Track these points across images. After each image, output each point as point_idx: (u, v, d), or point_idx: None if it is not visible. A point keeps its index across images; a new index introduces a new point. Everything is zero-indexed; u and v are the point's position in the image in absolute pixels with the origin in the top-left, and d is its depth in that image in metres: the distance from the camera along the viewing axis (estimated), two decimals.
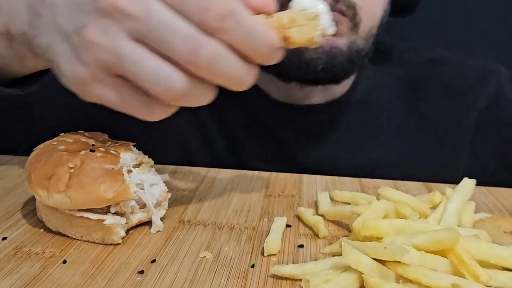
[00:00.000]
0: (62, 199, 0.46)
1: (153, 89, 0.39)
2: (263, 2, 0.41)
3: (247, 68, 0.41)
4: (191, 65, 0.39)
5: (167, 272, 0.43)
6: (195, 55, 0.38)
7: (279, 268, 0.42)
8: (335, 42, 0.65)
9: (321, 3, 0.42)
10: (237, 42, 0.39)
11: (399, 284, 0.38)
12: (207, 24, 0.38)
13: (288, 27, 0.41)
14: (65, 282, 0.41)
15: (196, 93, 0.41)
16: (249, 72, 0.41)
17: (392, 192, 0.53)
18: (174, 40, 0.38)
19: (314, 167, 0.71)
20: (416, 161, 0.77)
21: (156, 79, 0.38)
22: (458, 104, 0.79)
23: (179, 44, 0.38)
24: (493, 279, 0.39)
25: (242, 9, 0.39)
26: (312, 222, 0.51)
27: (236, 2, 0.39)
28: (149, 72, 0.38)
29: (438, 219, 0.48)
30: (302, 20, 0.41)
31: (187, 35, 0.38)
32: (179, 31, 0.38)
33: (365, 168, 0.74)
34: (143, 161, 0.51)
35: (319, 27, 0.41)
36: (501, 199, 0.60)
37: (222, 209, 0.55)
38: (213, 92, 0.42)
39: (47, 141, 0.51)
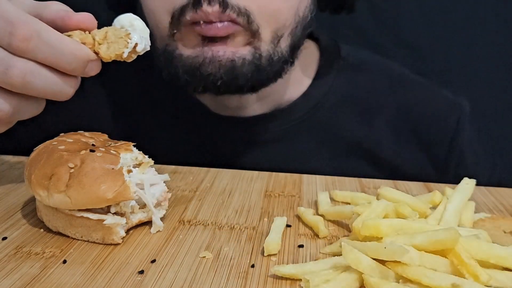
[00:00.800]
0: (62, 199, 0.46)
1: None
2: (79, 18, 0.47)
3: (62, 81, 0.47)
4: (7, 85, 0.45)
5: (167, 272, 0.43)
6: (7, 76, 0.44)
7: (279, 268, 0.42)
8: (234, 54, 0.61)
9: (138, 22, 0.49)
10: (47, 59, 0.45)
11: (399, 284, 0.38)
12: (15, 46, 0.43)
13: (101, 43, 0.47)
14: (65, 282, 0.41)
15: (25, 108, 0.47)
16: (66, 85, 0.47)
17: (392, 192, 0.53)
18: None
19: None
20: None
21: None
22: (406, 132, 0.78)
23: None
24: (493, 279, 0.39)
25: (47, 28, 0.45)
26: (312, 222, 0.51)
27: (40, 23, 0.44)
28: None
29: (438, 219, 0.48)
30: (113, 37, 0.48)
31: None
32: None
33: None
34: (143, 161, 0.51)
35: (129, 45, 0.47)
36: (500, 199, 0.60)
37: (222, 209, 0.56)
38: (42, 103, 0.49)
39: (47, 141, 0.51)
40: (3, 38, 0.43)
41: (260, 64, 0.63)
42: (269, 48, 0.63)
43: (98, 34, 0.48)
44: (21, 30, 0.43)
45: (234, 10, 0.59)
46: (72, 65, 0.46)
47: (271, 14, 0.61)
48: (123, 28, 0.49)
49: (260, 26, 0.61)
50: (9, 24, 0.43)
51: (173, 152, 0.74)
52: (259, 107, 0.75)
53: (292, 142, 0.76)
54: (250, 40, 0.62)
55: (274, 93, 0.73)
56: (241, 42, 0.61)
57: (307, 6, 0.67)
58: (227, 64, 0.61)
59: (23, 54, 0.44)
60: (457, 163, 0.57)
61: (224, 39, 0.60)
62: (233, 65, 0.61)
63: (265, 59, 0.63)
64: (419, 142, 0.78)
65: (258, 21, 0.61)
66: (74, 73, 0.47)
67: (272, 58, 0.64)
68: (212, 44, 0.61)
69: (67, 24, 0.47)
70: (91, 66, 0.47)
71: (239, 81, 0.62)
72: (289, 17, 0.64)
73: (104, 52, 0.47)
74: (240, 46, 0.62)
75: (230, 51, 0.61)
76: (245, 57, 0.62)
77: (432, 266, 0.39)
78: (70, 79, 0.47)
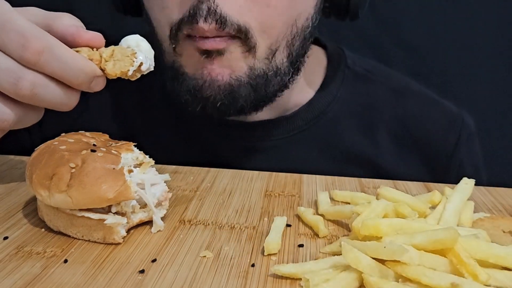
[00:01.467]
0: (63, 199, 0.46)
1: None
2: (89, 37, 0.49)
3: (67, 94, 0.49)
4: (16, 96, 0.47)
5: (168, 271, 0.43)
6: (17, 87, 0.46)
7: (279, 268, 0.42)
8: (231, 77, 0.61)
9: (144, 43, 0.51)
10: (56, 73, 0.47)
11: (398, 283, 0.38)
12: (26, 59, 0.45)
13: (107, 60, 0.49)
14: (66, 281, 0.41)
15: (27, 117, 0.50)
16: (70, 97, 0.49)
17: (392, 192, 0.53)
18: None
19: None
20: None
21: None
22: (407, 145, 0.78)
23: (1, 78, 0.46)
24: (492, 278, 0.39)
25: (58, 44, 0.47)
26: (312, 221, 0.51)
27: (52, 38, 0.46)
28: None
29: (437, 218, 0.48)
30: (119, 55, 0.50)
31: (8, 69, 0.46)
32: (1, 67, 0.45)
33: None
34: (144, 161, 0.51)
35: (134, 63, 0.49)
36: (500, 199, 0.61)
37: (222, 208, 0.56)
38: (41, 113, 0.51)
39: (48, 141, 0.51)
40: (16, 50, 0.45)
41: (257, 84, 0.62)
42: (262, 65, 0.62)
43: (105, 51, 0.50)
44: (34, 44, 0.45)
45: (233, 28, 0.57)
46: (79, 80, 0.48)
47: (266, 30, 0.60)
48: (129, 48, 0.50)
49: (257, 42, 0.60)
50: (22, 37, 0.45)
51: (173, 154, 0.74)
52: (264, 114, 0.74)
53: (293, 150, 0.76)
54: (245, 56, 0.61)
55: (279, 100, 0.72)
56: (237, 57, 0.60)
57: (308, 17, 0.65)
58: (226, 88, 0.61)
59: (33, 66, 0.46)
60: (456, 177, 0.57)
61: (221, 55, 0.60)
62: (231, 89, 0.61)
63: (260, 78, 0.62)
64: (420, 155, 0.78)
65: (256, 37, 0.60)
66: (79, 87, 0.49)
67: (267, 74, 0.63)
68: (209, 64, 0.60)
69: (77, 41, 0.48)
70: (96, 81, 0.49)
71: (239, 102, 0.62)
72: (283, 31, 0.62)
73: (110, 69, 0.49)
74: (237, 62, 0.61)
75: (227, 74, 0.60)
76: (241, 79, 0.61)
77: (432, 265, 0.39)
78: (74, 92, 0.50)
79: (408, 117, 0.78)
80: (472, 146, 0.81)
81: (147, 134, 0.77)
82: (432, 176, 0.75)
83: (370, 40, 1.04)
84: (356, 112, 0.77)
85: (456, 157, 0.78)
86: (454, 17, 1.06)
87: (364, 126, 0.77)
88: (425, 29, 1.07)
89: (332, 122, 0.76)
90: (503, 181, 0.68)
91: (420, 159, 0.77)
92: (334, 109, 0.77)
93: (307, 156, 0.76)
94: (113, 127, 0.80)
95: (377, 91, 0.79)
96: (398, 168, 0.69)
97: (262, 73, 0.62)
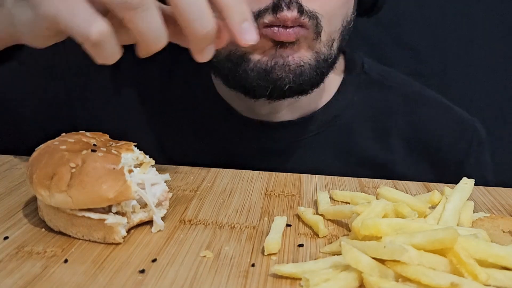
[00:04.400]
0: (63, 199, 0.46)
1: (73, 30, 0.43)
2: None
3: (163, 29, 0.45)
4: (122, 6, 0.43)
5: (168, 271, 0.43)
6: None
7: (279, 267, 0.42)
8: (301, 60, 0.63)
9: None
10: (180, 7, 0.44)
11: (398, 283, 0.38)
12: None
13: None
14: (67, 281, 0.41)
15: (107, 46, 0.44)
16: (163, 34, 0.45)
17: (392, 191, 0.53)
18: None
19: None
20: None
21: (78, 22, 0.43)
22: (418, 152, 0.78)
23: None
24: (492, 278, 0.39)
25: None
26: (312, 221, 0.51)
27: None
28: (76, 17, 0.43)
29: (437, 218, 0.48)
30: None
31: None
32: None
33: None
34: (144, 161, 0.51)
35: None
36: (499, 199, 0.61)
37: (222, 208, 0.56)
38: (121, 51, 0.46)
39: (49, 141, 0.51)
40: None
41: (322, 68, 0.65)
42: (325, 51, 0.65)
43: None
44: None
45: (308, 15, 0.60)
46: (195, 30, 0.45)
47: (331, 18, 0.63)
48: None
49: (323, 28, 0.63)
50: None
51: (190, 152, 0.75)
52: (287, 114, 0.75)
53: (307, 153, 0.76)
54: (313, 43, 0.63)
55: (304, 99, 0.73)
56: (305, 46, 0.63)
57: (352, 13, 0.69)
58: (297, 70, 0.62)
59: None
60: None
61: (293, 43, 0.61)
62: (301, 70, 0.63)
63: (324, 62, 0.65)
64: (431, 162, 0.78)
65: (322, 25, 0.62)
66: (189, 36, 0.46)
67: (328, 60, 0.66)
68: (282, 49, 0.62)
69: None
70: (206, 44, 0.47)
71: (304, 85, 0.64)
72: (340, 22, 0.66)
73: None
74: (305, 50, 0.63)
75: (297, 57, 0.62)
76: (310, 63, 0.63)
77: (431, 265, 0.39)
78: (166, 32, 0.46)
79: (421, 123, 0.79)
80: (483, 154, 0.81)
81: (166, 132, 0.78)
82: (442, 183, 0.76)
83: (370, 40, 1.04)
84: (371, 117, 0.78)
85: (467, 164, 0.79)
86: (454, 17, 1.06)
87: (378, 131, 0.78)
88: (425, 29, 1.07)
89: (347, 126, 0.77)
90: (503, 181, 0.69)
91: (431, 165, 0.78)
92: (349, 113, 0.77)
93: (321, 159, 0.76)
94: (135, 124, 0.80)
95: (391, 97, 0.80)
96: (409, 174, 0.69)
97: (325, 58, 0.65)
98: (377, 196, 0.54)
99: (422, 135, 0.78)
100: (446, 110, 0.81)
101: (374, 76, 0.80)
